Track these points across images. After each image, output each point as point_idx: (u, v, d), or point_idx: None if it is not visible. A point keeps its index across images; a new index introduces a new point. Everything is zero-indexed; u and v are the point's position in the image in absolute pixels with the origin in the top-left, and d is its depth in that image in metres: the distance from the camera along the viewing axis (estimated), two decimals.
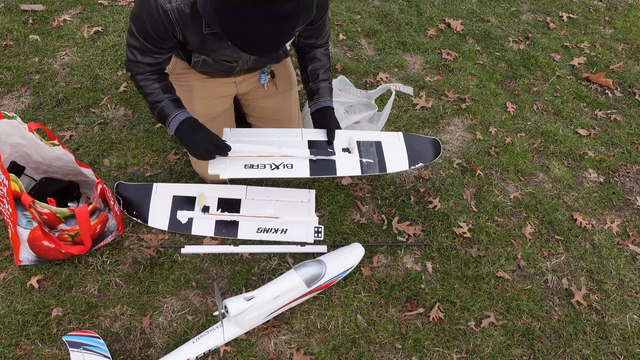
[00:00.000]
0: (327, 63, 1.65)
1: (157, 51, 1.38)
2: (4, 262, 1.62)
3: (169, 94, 1.46)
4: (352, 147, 1.58)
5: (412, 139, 1.68)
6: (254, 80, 1.74)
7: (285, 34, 1.13)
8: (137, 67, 1.42)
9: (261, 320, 1.51)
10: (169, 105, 1.45)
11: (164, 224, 1.73)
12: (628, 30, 3.11)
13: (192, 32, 1.32)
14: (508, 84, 2.60)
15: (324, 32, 1.59)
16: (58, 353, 1.45)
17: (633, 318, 1.72)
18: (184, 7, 1.24)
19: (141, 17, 1.28)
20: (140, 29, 1.31)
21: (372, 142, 1.62)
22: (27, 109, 2.10)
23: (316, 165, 1.52)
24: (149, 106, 1.50)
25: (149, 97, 1.46)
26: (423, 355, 1.55)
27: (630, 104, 2.59)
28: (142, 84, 1.45)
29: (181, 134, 1.45)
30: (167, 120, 1.46)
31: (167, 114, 1.45)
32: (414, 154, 1.65)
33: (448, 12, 3.01)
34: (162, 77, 1.47)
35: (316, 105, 1.63)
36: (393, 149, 1.63)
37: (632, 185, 2.19)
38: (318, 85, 1.63)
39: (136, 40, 1.35)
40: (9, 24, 2.46)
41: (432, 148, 1.70)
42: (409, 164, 1.62)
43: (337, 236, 1.81)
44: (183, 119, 1.45)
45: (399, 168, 1.60)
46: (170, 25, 1.28)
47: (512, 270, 1.80)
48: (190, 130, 1.44)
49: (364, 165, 1.56)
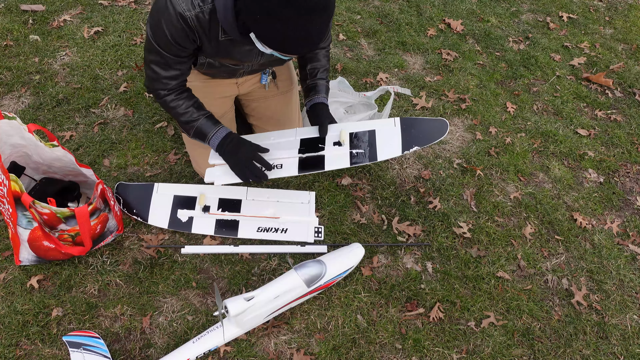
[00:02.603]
0: (326, 64, 1.66)
1: (179, 61, 1.38)
2: (4, 262, 1.62)
3: (202, 111, 1.50)
4: (344, 139, 1.56)
5: (411, 123, 1.58)
6: (256, 81, 1.75)
7: (322, 26, 1.15)
8: (161, 85, 1.42)
9: (261, 321, 1.51)
10: (206, 123, 1.49)
11: (164, 222, 1.74)
12: (628, 30, 3.11)
13: (209, 39, 1.33)
14: (508, 84, 2.60)
15: (328, 34, 1.60)
16: (58, 353, 1.45)
17: (633, 318, 1.72)
18: (203, 14, 1.25)
19: (161, 27, 1.28)
20: (160, 39, 1.30)
21: (366, 132, 1.59)
22: (27, 109, 2.10)
23: (305, 163, 1.54)
24: (182, 126, 1.52)
25: (183, 117, 1.48)
26: (423, 355, 1.55)
27: (630, 104, 2.59)
28: (172, 104, 1.46)
29: (224, 151, 1.50)
30: (207, 138, 1.50)
31: (207, 132, 1.49)
32: (409, 138, 1.55)
33: (448, 12, 3.01)
34: (190, 95, 1.50)
35: (310, 102, 1.63)
36: (387, 135, 1.56)
37: (632, 185, 2.19)
38: (315, 82, 1.63)
39: (156, 54, 1.35)
40: (9, 24, 2.46)
41: (435, 129, 1.58)
42: (403, 148, 1.53)
43: (337, 236, 1.81)
44: (224, 135, 1.50)
45: (390, 155, 1.52)
46: (190, 32, 1.29)
47: (512, 270, 1.80)
48: (233, 149, 1.49)
49: (354, 156, 1.53)
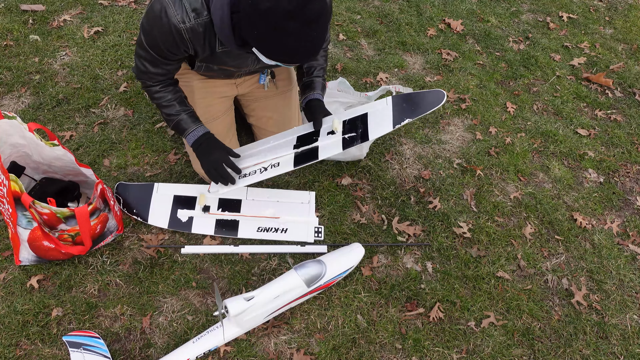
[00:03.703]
0: (323, 63, 1.67)
1: (168, 62, 1.40)
2: (4, 262, 1.62)
3: (184, 106, 1.53)
4: (336, 127, 1.57)
5: (403, 97, 1.56)
6: (254, 81, 1.75)
7: (323, 30, 1.18)
8: (148, 79, 1.46)
9: (261, 320, 1.51)
10: (186, 119, 1.53)
11: (164, 222, 1.74)
12: (628, 30, 3.11)
13: (204, 49, 1.34)
14: (508, 84, 2.60)
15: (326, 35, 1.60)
16: (58, 353, 1.45)
17: (633, 318, 1.72)
18: (198, 26, 1.26)
19: (153, 34, 1.29)
20: (151, 43, 1.32)
21: (358, 116, 1.59)
22: (27, 109, 2.10)
23: (300, 156, 1.55)
24: (164, 116, 1.55)
25: (165, 109, 1.51)
26: (423, 355, 1.55)
27: (630, 104, 2.59)
28: (157, 95, 1.50)
29: (198, 150, 1.55)
30: (185, 134, 1.54)
31: (185, 128, 1.53)
32: (400, 112, 1.53)
33: (448, 12, 3.01)
34: (176, 89, 1.53)
35: (305, 99, 1.64)
36: (378, 114, 1.56)
37: (632, 185, 2.19)
38: (311, 79, 1.64)
39: (146, 52, 1.37)
40: (9, 24, 2.46)
41: (430, 101, 1.53)
42: (394, 123, 1.51)
43: (337, 236, 1.81)
44: (200, 134, 1.53)
45: (382, 132, 1.52)
46: (182, 43, 1.30)
47: (512, 270, 1.80)
48: (207, 148, 1.53)
49: (346, 141, 1.53)
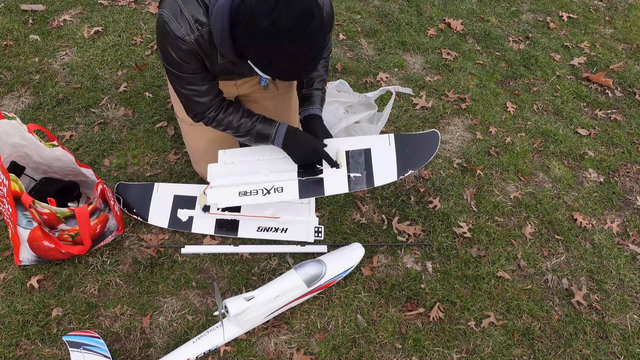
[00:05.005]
0: (324, 74, 1.65)
1: (200, 77, 1.39)
2: (4, 262, 1.62)
3: (254, 116, 1.51)
4: (341, 161, 1.56)
5: (405, 140, 1.60)
6: (255, 82, 1.75)
7: (319, 49, 1.20)
8: (205, 109, 1.44)
9: (261, 320, 1.51)
10: (263, 127, 1.50)
11: (164, 222, 1.74)
12: (628, 30, 3.11)
13: (209, 60, 1.36)
14: (508, 84, 2.60)
15: (328, 46, 1.60)
16: (58, 353, 1.45)
17: (633, 318, 1.72)
18: (203, 37, 1.28)
19: (167, 50, 1.30)
20: (172, 62, 1.33)
21: (362, 151, 1.59)
22: (27, 109, 2.10)
23: (305, 186, 1.55)
24: (241, 137, 1.53)
25: (241, 129, 1.50)
26: (423, 355, 1.55)
27: (631, 104, 2.59)
28: (225, 122, 1.48)
29: (289, 147, 1.52)
30: (270, 139, 1.52)
31: (267, 134, 1.51)
32: (404, 160, 1.57)
33: (448, 12, 3.01)
34: (237, 106, 1.51)
35: (305, 112, 1.62)
36: (382, 157, 1.57)
37: (632, 185, 2.19)
38: (311, 92, 1.63)
39: (178, 78, 1.37)
40: (9, 24, 2.46)
41: (427, 145, 1.59)
42: (398, 173, 1.55)
43: (337, 236, 1.81)
44: (284, 132, 1.50)
45: (386, 180, 1.54)
46: (192, 53, 1.32)
47: (512, 270, 1.80)
48: (296, 141, 1.51)
49: (352, 181, 1.54)
